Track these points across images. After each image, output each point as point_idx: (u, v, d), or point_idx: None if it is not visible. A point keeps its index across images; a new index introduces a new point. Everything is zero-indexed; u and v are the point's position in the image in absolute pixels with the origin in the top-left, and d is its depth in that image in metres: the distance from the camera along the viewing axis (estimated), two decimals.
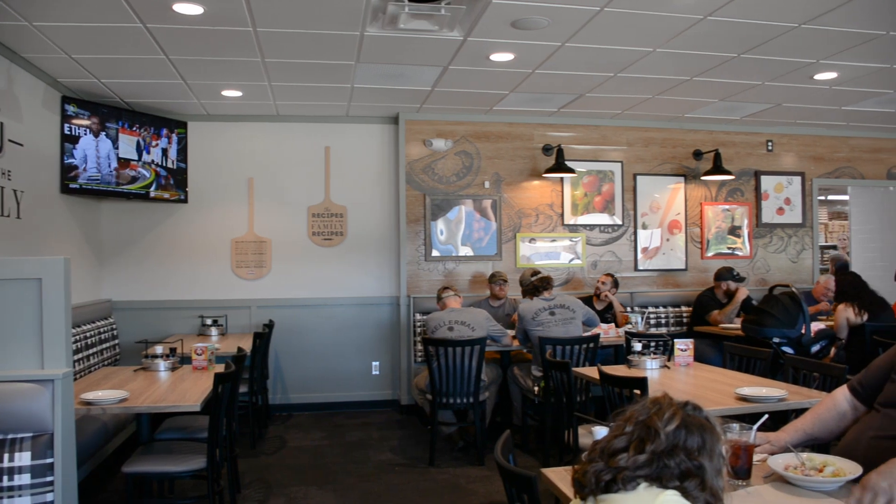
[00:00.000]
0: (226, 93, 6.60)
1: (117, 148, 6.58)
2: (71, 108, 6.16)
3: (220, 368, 4.60)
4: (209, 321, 7.04)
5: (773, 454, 2.50)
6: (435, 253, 7.57)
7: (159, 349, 4.98)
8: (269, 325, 6.88)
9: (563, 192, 7.91)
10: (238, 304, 7.46)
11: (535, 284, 6.10)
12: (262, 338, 6.44)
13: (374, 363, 7.76)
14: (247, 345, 6.03)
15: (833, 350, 6.46)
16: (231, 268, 7.50)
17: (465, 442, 6.14)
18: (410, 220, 7.55)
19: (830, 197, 14.74)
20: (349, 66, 5.83)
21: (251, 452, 6.00)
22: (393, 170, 7.73)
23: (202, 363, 4.87)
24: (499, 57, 5.61)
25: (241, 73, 5.95)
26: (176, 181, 7.16)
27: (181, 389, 4.22)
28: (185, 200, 7.27)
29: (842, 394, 2.65)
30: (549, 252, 7.85)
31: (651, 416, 1.66)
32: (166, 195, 7.07)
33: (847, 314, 6.32)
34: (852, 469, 2.16)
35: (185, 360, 5.10)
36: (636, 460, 1.60)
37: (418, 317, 7.39)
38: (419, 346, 7.23)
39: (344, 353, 7.68)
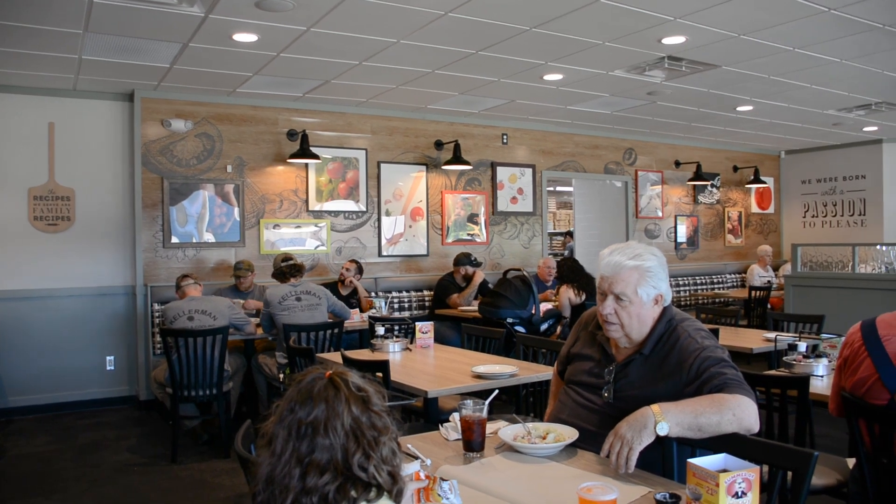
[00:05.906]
0: None
1: None
2: None
3: None
4: None
5: None
6: (174, 239, 7.21)
7: None
8: None
9: (307, 178, 7.88)
10: None
11: (284, 270, 6.07)
12: None
13: (108, 357, 7.24)
14: None
15: (559, 328, 7.06)
16: None
17: (210, 435, 5.95)
18: (147, 204, 7.11)
19: (558, 188, 16.08)
20: (76, 35, 5.35)
21: None
22: (128, 150, 7.23)
23: None
24: (242, 37, 5.45)
25: None
26: None
27: None
28: None
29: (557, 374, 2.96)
30: (293, 238, 7.79)
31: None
32: None
33: (569, 294, 6.95)
34: (570, 434, 2.40)
35: None
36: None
37: (157, 307, 6.99)
38: (158, 338, 6.86)
39: (74, 348, 7.06)
